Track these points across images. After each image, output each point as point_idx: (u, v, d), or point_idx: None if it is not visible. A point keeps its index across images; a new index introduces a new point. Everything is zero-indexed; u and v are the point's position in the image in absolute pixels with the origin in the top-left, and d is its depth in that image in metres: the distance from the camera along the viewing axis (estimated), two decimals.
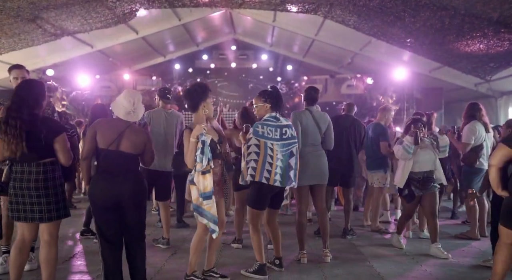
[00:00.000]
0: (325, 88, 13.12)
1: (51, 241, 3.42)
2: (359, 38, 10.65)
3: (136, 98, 3.60)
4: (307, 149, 4.58)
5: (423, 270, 4.38)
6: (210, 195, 3.66)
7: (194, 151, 3.66)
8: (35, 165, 3.33)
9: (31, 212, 3.33)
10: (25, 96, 3.35)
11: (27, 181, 3.31)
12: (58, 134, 3.41)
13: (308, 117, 4.64)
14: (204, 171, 3.64)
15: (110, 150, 3.45)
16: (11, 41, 9.30)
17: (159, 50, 12.69)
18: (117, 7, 9.17)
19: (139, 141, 3.57)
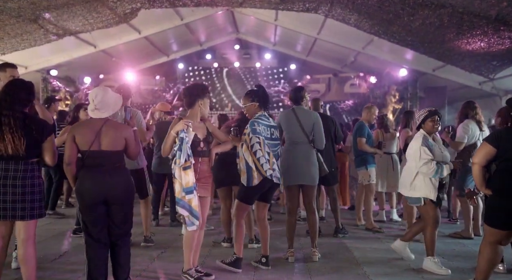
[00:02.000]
0: (328, 87, 13.11)
1: (28, 240, 3.42)
2: (361, 37, 10.60)
3: (100, 95, 3.54)
4: (295, 148, 4.59)
5: (409, 269, 4.35)
6: (192, 190, 3.72)
7: (170, 143, 3.77)
8: (23, 163, 3.35)
9: (12, 210, 3.33)
10: (17, 94, 3.38)
11: (13, 178, 3.32)
12: (49, 134, 3.45)
13: (291, 117, 4.65)
14: (185, 167, 3.70)
15: (92, 151, 3.46)
16: (13, 42, 9.42)
17: (163, 49, 12.75)
18: (118, 7, 9.24)
19: (119, 136, 3.56)
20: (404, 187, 4.44)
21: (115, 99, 3.65)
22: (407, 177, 4.37)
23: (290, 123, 4.64)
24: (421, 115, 4.34)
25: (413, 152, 4.30)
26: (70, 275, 4.01)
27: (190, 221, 3.75)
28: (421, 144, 4.22)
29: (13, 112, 3.32)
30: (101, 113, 3.54)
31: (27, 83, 3.56)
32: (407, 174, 4.39)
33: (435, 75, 11.47)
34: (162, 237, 5.45)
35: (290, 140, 4.64)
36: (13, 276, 3.90)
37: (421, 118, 4.30)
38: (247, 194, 4.22)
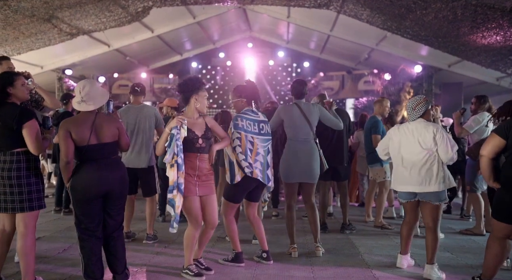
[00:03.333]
0: (342, 85, 12.99)
1: (26, 232, 3.42)
2: (374, 33, 10.47)
3: (87, 87, 3.47)
4: (298, 145, 4.49)
5: (416, 266, 4.24)
6: (171, 190, 3.69)
7: (164, 141, 3.75)
8: (9, 154, 3.36)
9: (3, 202, 3.37)
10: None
11: (7, 170, 3.34)
12: (24, 121, 3.37)
13: (295, 112, 4.54)
14: (172, 164, 3.69)
15: (91, 145, 3.44)
16: (28, 41, 9.59)
17: (176, 48, 12.83)
18: (130, 6, 9.33)
19: (113, 127, 3.55)
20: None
21: (101, 92, 3.59)
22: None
23: (294, 118, 4.52)
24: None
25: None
26: (71, 269, 4.02)
27: (172, 222, 3.75)
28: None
29: None
30: (87, 106, 3.47)
31: (5, 73, 3.56)
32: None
33: (451, 71, 11.26)
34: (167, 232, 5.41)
35: (294, 136, 4.54)
36: (15, 269, 3.93)
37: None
38: (232, 192, 4.15)
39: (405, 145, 4.00)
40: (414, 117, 4.03)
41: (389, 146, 4.17)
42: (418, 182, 3.91)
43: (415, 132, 3.97)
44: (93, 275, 3.49)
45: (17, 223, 3.46)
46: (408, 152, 3.98)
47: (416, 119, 4.02)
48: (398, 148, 4.05)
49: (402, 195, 4.10)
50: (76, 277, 3.72)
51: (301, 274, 3.96)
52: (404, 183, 4.01)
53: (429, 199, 3.92)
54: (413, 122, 4.03)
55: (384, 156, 4.28)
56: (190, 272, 3.84)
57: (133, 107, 5.09)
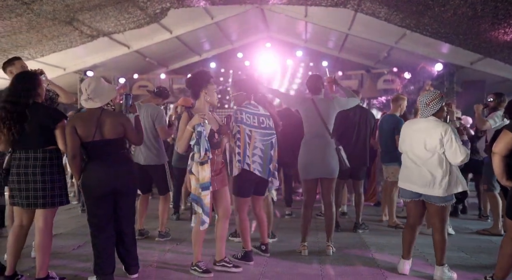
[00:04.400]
0: (361, 84, 12.83)
1: (44, 228, 3.55)
2: (393, 31, 10.32)
3: (92, 84, 3.57)
4: (313, 141, 4.47)
5: (427, 265, 4.18)
6: (208, 186, 3.69)
7: (187, 139, 3.72)
8: (41, 151, 3.49)
9: (33, 198, 3.48)
10: (25, 86, 3.51)
11: (27, 167, 3.46)
12: (58, 121, 3.54)
13: (310, 107, 4.51)
14: (202, 162, 3.67)
15: (95, 141, 3.53)
16: (51, 43, 9.84)
17: (194, 49, 12.94)
18: (148, 7, 9.47)
19: (117, 123, 3.61)
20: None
21: (108, 89, 3.68)
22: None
23: (308, 113, 4.51)
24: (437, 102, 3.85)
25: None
26: (84, 264, 4.12)
27: (202, 219, 3.74)
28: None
29: (4, 104, 3.44)
30: (94, 103, 3.57)
31: (30, 74, 3.70)
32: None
33: (473, 68, 10.99)
34: (180, 230, 5.51)
35: (308, 132, 4.54)
36: (31, 264, 4.05)
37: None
38: (238, 186, 4.19)
39: (412, 143, 3.88)
40: (427, 114, 3.79)
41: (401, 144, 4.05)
42: (422, 183, 3.76)
43: (423, 131, 3.81)
44: (103, 270, 3.58)
45: (36, 218, 3.58)
46: (414, 151, 3.86)
47: (428, 117, 3.80)
48: (406, 144, 3.94)
49: (405, 193, 3.95)
50: (88, 272, 3.81)
51: (309, 272, 3.95)
52: (409, 181, 3.87)
53: (434, 201, 3.77)
54: (424, 120, 3.84)
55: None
56: (198, 268, 3.88)
57: (141, 105, 5.17)
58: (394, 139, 5.60)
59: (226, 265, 3.96)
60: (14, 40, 9.39)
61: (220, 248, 3.98)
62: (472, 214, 6.68)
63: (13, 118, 3.41)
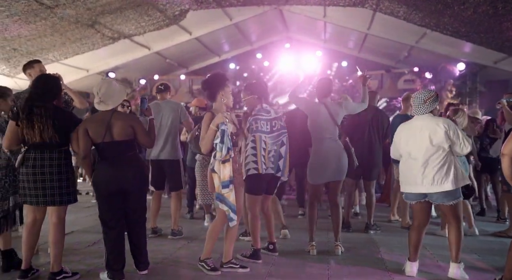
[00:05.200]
0: (380, 84, 12.73)
1: (58, 224, 3.69)
2: (413, 30, 10.20)
3: (103, 87, 3.70)
4: (326, 145, 4.48)
5: (437, 266, 4.13)
6: (228, 184, 3.75)
7: (211, 138, 3.77)
8: (57, 151, 3.63)
9: (43, 196, 3.61)
10: (47, 87, 3.65)
11: (48, 166, 3.59)
12: (76, 124, 3.70)
13: (322, 111, 4.51)
14: (224, 160, 3.73)
15: (105, 142, 3.65)
16: (74, 46, 10.13)
17: (214, 50, 13.07)
18: (168, 9, 9.65)
19: (127, 125, 3.71)
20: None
21: (119, 91, 3.80)
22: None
23: (320, 117, 4.51)
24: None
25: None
26: (97, 261, 4.23)
27: (230, 217, 3.79)
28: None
29: (44, 103, 3.59)
30: (106, 105, 3.70)
31: (53, 76, 3.85)
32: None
33: (496, 67, 10.74)
34: (192, 229, 5.59)
35: (319, 135, 4.53)
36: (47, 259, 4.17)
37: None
38: (252, 184, 4.25)
39: (413, 143, 3.80)
40: (424, 111, 3.76)
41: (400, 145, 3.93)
42: (429, 182, 3.69)
43: (424, 128, 3.74)
44: (113, 266, 3.70)
45: (50, 215, 3.72)
46: (416, 150, 3.76)
47: (424, 114, 3.77)
48: (405, 146, 3.85)
49: (410, 196, 3.86)
50: (101, 268, 3.91)
51: (316, 272, 3.97)
52: (413, 183, 3.77)
53: (441, 201, 3.70)
54: (420, 117, 3.79)
55: (398, 156, 4.01)
56: (206, 266, 3.93)
57: (158, 103, 5.30)
58: None
59: (233, 266, 3.99)
60: (39, 43, 9.72)
61: (228, 249, 4.01)
62: (491, 217, 6.55)
63: (49, 117, 3.55)
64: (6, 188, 3.91)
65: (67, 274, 3.76)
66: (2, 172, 3.91)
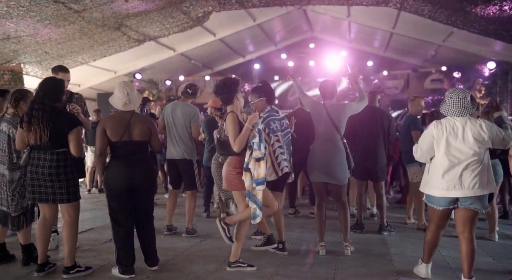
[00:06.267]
0: (406, 83, 12.52)
1: (69, 221, 3.85)
2: (440, 29, 9.99)
3: (129, 88, 3.89)
4: (322, 146, 4.50)
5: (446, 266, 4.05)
6: (263, 181, 3.83)
7: (247, 138, 3.82)
8: (50, 153, 3.75)
9: (45, 194, 3.78)
10: (47, 91, 3.79)
11: (42, 167, 3.74)
12: (74, 127, 3.79)
13: (322, 111, 4.54)
14: (260, 158, 3.81)
15: (123, 141, 3.79)
16: (102, 49, 10.44)
17: (238, 51, 13.19)
18: (191, 11, 9.82)
19: (145, 127, 3.88)
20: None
21: (138, 95, 4.02)
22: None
23: (320, 118, 4.56)
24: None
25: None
26: (112, 256, 4.30)
27: (256, 214, 3.85)
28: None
29: (42, 106, 3.72)
30: (131, 106, 3.90)
31: (57, 80, 3.99)
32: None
33: None
34: (207, 228, 5.66)
35: (319, 136, 4.59)
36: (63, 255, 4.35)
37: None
38: (283, 182, 4.49)
39: (453, 144, 3.50)
40: (467, 112, 3.49)
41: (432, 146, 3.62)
42: (469, 185, 3.44)
43: (467, 129, 3.47)
44: (124, 262, 3.84)
45: (63, 213, 3.89)
46: (458, 152, 3.48)
47: (465, 116, 3.49)
48: (443, 147, 3.54)
49: (439, 201, 3.59)
50: (114, 264, 4.03)
51: (323, 271, 3.98)
52: (447, 188, 3.50)
53: (475, 206, 3.47)
54: (460, 118, 3.50)
55: (426, 159, 3.73)
56: (242, 264, 3.99)
57: (177, 104, 5.38)
58: (410, 139, 5.49)
59: (241, 265, 4.04)
60: (69, 46, 10.07)
61: (236, 249, 4.06)
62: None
63: (46, 120, 3.70)
64: (25, 187, 4.08)
65: (81, 269, 3.91)
66: (21, 171, 4.09)
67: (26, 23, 8.28)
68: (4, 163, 4.11)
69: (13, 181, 4.08)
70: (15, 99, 4.09)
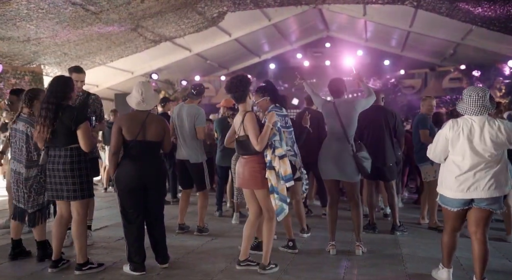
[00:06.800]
0: (424, 83, 12.35)
1: (78, 218, 3.90)
2: (458, 27, 9.84)
3: (144, 88, 3.93)
4: (331, 143, 4.51)
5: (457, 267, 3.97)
6: (291, 177, 3.86)
7: (268, 136, 3.82)
8: (63, 149, 3.83)
9: (61, 191, 3.85)
10: (53, 90, 3.87)
11: (57, 163, 3.83)
12: (80, 122, 3.82)
13: (330, 109, 4.53)
14: (283, 155, 3.85)
15: (137, 140, 3.84)
16: (119, 49, 10.60)
17: (254, 50, 13.22)
18: (206, 12, 9.89)
19: (160, 128, 3.92)
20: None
21: (154, 95, 4.07)
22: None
23: (329, 115, 4.56)
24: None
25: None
26: (124, 254, 4.34)
27: (283, 208, 3.86)
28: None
29: (48, 105, 3.79)
30: (146, 105, 3.93)
31: (64, 78, 4.05)
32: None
33: None
34: (219, 227, 5.68)
35: (328, 133, 4.62)
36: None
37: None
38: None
39: (470, 146, 3.37)
40: (486, 111, 3.34)
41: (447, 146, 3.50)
42: (485, 186, 3.32)
43: (485, 130, 3.34)
44: (135, 259, 3.89)
45: (72, 210, 3.94)
46: (474, 153, 3.36)
47: (483, 115, 3.35)
48: (459, 148, 3.41)
49: (453, 202, 3.47)
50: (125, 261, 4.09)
51: (333, 271, 3.95)
52: (462, 189, 3.37)
53: (490, 207, 3.35)
54: (479, 118, 3.36)
55: (440, 159, 3.62)
56: (251, 263, 3.98)
57: (182, 105, 5.36)
58: (420, 138, 5.43)
59: (251, 264, 4.03)
60: (87, 47, 10.25)
61: (246, 247, 4.05)
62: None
63: (50, 118, 3.77)
64: (41, 184, 4.16)
65: (93, 265, 3.97)
66: (38, 168, 4.17)
67: (46, 25, 8.46)
68: (21, 162, 4.19)
69: (29, 178, 4.15)
70: (28, 98, 4.18)
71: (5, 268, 4.08)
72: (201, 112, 5.28)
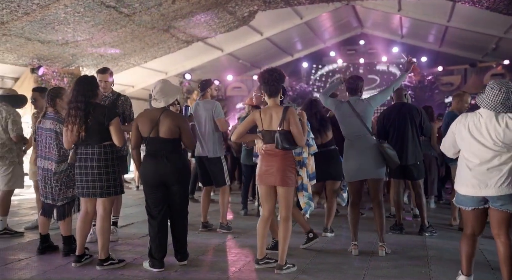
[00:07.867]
0: (464, 79, 11.86)
1: (103, 214, 3.99)
2: (500, 20, 9.37)
3: (159, 85, 3.95)
4: (356, 143, 4.39)
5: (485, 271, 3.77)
6: (315, 176, 3.92)
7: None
8: (97, 147, 3.94)
9: (92, 188, 3.94)
10: (80, 89, 3.97)
11: (91, 160, 3.92)
12: (112, 118, 3.95)
13: (347, 109, 4.42)
14: (312, 153, 3.90)
15: (151, 137, 3.91)
16: (152, 50, 10.80)
17: (286, 49, 13.13)
18: (237, 11, 9.91)
19: (174, 125, 3.92)
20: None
21: (172, 90, 4.04)
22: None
23: (346, 115, 4.44)
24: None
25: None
26: (145, 250, 4.43)
27: (310, 204, 3.95)
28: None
29: (76, 104, 3.89)
30: (158, 103, 3.95)
31: (88, 78, 4.16)
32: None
33: None
34: (243, 225, 5.66)
35: (348, 134, 4.46)
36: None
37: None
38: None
39: (477, 142, 3.19)
40: (504, 110, 3.10)
41: (456, 141, 3.37)
42: (496, 183, 3.12)
43: (492, 124, 3.13)
44: (155, 255, 3.94)
45: (97, 206, 4.03)
46: (483, 149, 3.17)
47: (500, 112, 3.10)
48: (467, 143, 3.26)
49: (465, 200, 3.28)
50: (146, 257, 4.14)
51: (352, 272, 3.84)
52: (473, 185, 3.20)
53: (506, 208, 3.13)
54: (491, 114, 3.14)
55: (450, 155, 3.54)
56: (270, 260, 3.95)
57: (198, 103, 5.37)
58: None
59: (269, 261, 3.98)
60: (122, 49, 10.51)
61: (262, 246, 4.01)
62: None
63: (81, 117, 3.88)
64: (70, 177, 4.26)
65: (114, 261, 4.04)
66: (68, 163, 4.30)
67: (82, 28, 8.74)
68: (48, 159, 4.31)
69: (59, 172, 4.24)
70: (50, 98, 4.31)
71: (33, 261, 4.22)
72: (217, 105, 5.29)
